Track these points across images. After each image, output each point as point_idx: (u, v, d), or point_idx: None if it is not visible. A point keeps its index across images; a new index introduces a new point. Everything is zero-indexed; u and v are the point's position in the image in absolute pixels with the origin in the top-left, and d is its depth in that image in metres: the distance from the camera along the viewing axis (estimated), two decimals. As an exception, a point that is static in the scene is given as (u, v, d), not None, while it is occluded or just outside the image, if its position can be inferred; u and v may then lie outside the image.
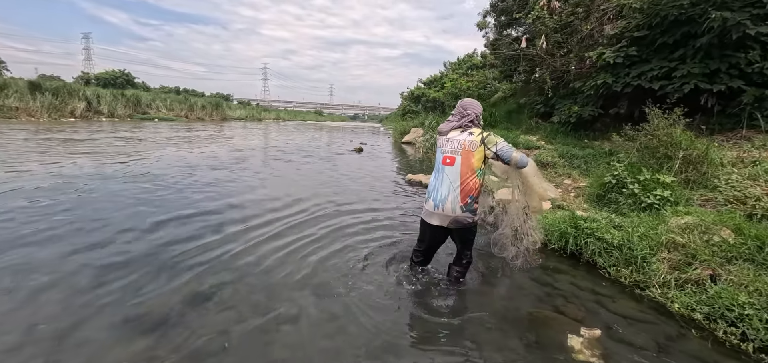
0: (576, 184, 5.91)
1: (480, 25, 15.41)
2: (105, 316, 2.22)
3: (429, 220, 2.50)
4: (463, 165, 2.37)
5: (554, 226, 3.57)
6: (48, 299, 2.34)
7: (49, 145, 9.25)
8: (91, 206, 4.30)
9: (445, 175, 2.40)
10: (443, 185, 2.41)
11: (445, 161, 2.43)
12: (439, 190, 2.42)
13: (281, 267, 2.99)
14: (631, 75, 7.20)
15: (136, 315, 2.25)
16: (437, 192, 2.43)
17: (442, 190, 2.41)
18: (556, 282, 2.89)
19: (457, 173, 2.37)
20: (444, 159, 2.44)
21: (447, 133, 2.51)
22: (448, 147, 2.44)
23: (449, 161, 2.40)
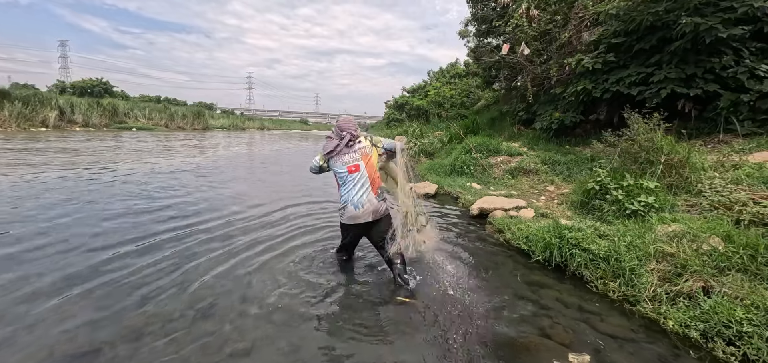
0: (559, 190, 5.79)
1: (462, 33, 15.46)
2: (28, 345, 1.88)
3: (353, 222, 2.79)
4: (368, 167, 2.80)
5: (538, 237, 3.37)
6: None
7: None
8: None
9: (355, 181, 2.76)
10: (356, 189, 2.76)
11: (350, 170, 2.77)
12: (355, 195, 2.75)
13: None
14: (609, 81, 7.20)
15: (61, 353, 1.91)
16: (353, 197, 2.75)
17: (358, 194, 2.75)
18: (541, 298, 2.67)
19: (365, 175, 2.78)
20: (349, 169, 2.78)
21: (337, 154, 2.81)
22: (348, 158, 2.79)
23: (355, 168, 2.78)
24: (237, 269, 3.04)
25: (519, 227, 3.79)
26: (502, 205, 4.78)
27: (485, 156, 7.74)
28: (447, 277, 3.03)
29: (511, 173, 6.85)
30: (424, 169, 9.13)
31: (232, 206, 5.11)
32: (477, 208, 4.83)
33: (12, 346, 1.99)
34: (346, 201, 2.78)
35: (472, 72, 24.53)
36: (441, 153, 10.75)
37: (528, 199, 5.38)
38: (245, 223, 4.31)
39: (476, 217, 4.82)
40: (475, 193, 5.78)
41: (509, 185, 6.34)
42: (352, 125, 2.90)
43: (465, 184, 6.52)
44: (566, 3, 8.79)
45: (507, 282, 2.95)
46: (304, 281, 2.87)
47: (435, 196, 6.22)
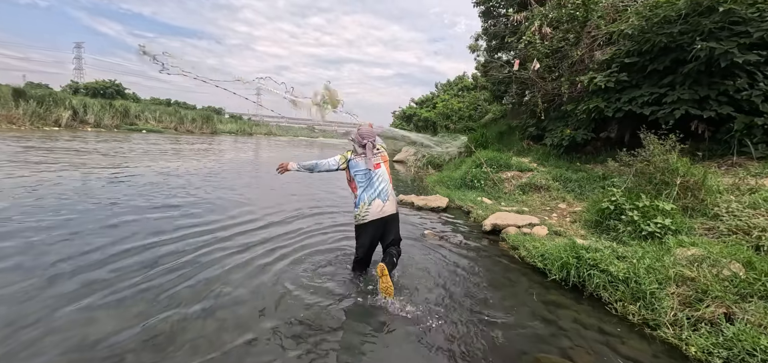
0: (571, 208, 5.77)
1: (472, 48, 15.62)
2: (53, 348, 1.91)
3: (380, 216, 2.98)
4: (387, 167, 3.13)
5: (554, 255, 3.37)
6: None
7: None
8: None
9: (379, 177, 3.02)
10: (381, 184, 3.01)
11: (375, 167, 3.02)
12: (381, 189, 3.00)
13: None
14: (622, 100, 7.22)
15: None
16: (379, 190, 2.99)
17: (382, 187, 3.01)
18: (560, 319, 2.66)
19: (386, 173, 3.09)
20: (375, 165, 3.02)
21: (360, 156, 3.05)
22: (370, 157, 3.00)
23: (377, 166, 3.04)
24: (256, 277, 3.07)
25: (534, 245, 3.79)
26: (516, 221, 4.78)
27: (496, 170, 7.75)
28: (463, 294, 3.03)
29: (522, 189, 6.85)
30: (432, 181, 9.16)
31: (246, 212, 5.15)
32: (490, 224, 4.84)
33: (32, 347, 2.02)
34: (373, 196, 2.98)
35: (480, 85, 24.68)
36: (450, 166, 10.78)
37: (540, 216, 5.37)
38: (260, 229, 4.34)
39: (489, 232, 4.82)
40: (487, 208, 5.78)
41: (520, 201, 6.33)
42: (373, 134, 3.08)
43: (476, 199, 6.53)
44: (579, 22, 8.86)
45: (523, 300, 2.95)
46: (324, 290, 2.89)
47: (446, 209, 6.23)
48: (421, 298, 2.89)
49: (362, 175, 3.02)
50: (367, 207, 2.98)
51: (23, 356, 1.93)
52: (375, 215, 2.98)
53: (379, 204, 2.98)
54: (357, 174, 3.04)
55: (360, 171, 3.02)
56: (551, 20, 9.40)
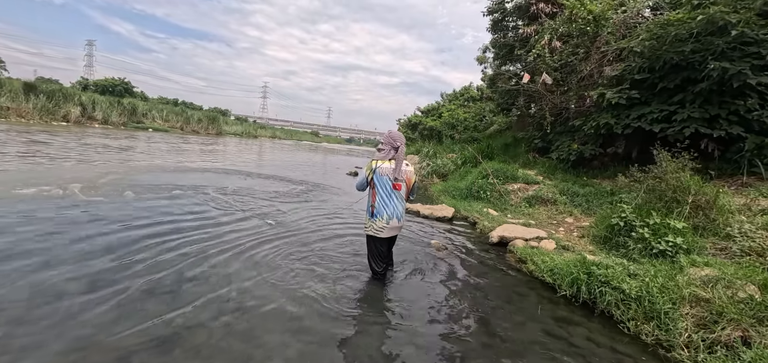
0: (578, 222, 5.72)
1: (480, 59, 15.67)
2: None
3: (393, 233, 3.14)
4: (406, 189, 3.15)
5: (564, 271, 3.32)
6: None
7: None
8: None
9: (398, 197, 3.07)
10: (398, 203, 3.08)
11: (396, 187, 3.05)
12: (399, 208, 3.07)
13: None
14: (631, 116, 7.19)
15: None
16: (397, 210, 3.05)
17: (397, 207, 3.06)
18: (571, 336, 2.62)
19: (403, 195, 3.13)
20: (394, 185, 3.04)
21: (388, 162, 3.04)
22: (395, 176, 3.02)
23: (398, 187, 3.06)
24: (266, 282, 3.04)
25: (542, 259, 3.74)
26: (523, 234, 4.74)
27: (502, 182, 7.71)
28: (471, 307, 2.99)
29: (528, 201, 6.80)
30: (438, 190, 9.13)
31: (252, 217, 5.14)
32: (497, 236, 4.80)
33: (40, 349, 1.98)
34: (392, 214, 3.02)
35: (486, 96, 24.73)
36: (455, 175, 10.75)
37: (547, 229, 5.32)
38: (267, 233, 4.33)
39: (496, 244, 4.78)
40: (493, 220, 5.75)
41: (527, 214, 6.28)
42: (402, 139, 3.08)
43: (482, 210, 6.49)
44: (589, 37, 8.87)
45: (533, 316, 2.91)
46: (344, 297, 2.86)
47: (452, 219, 6.19)
48: (428, 311, 2.85)
49: (384, 187, 3.01)
50: (384, 223, 3.02)
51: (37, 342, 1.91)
52: (390, 233, 3.08)
53: (396, 223, 3.07)
54: (380, 183, 3.02)
55: (384, 183, 3.01)
56: (561, 34, 9.43)
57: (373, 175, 3.04)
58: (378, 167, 3.01)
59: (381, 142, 3.16)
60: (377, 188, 3.03)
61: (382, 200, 3.01)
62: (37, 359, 1.86)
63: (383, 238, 3.07)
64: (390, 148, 3.06)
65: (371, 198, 3.08)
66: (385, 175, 3.00)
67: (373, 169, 3.03)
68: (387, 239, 3.12)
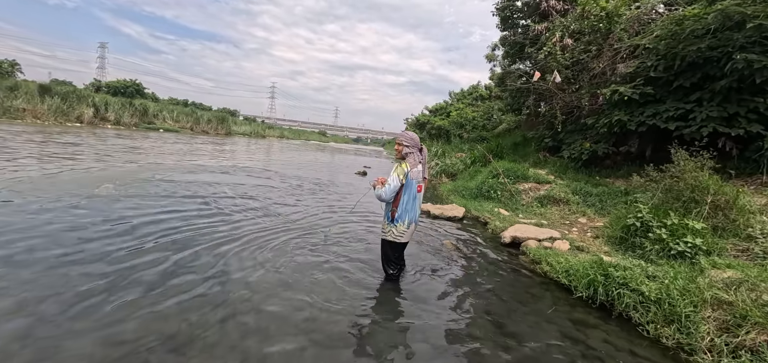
0: (592, 223, 5.64)
1: (489, 57, 15.54)
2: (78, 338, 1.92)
3: (407, 240, 3.09)
4: (423, 190, 3.14)
5: (580, 272, 3.27)
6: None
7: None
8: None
9: (419, 199, 3.06)
10: (418, 206, 3.07)
11: (419, 189, 3.03)
12: (416, 211, 3.05)
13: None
14: (645, 114, 7.06)
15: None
16: (415, 212, 3.02)
17: (417, 210, 3.07)
18: (588, 338, 2.57)
19: (421, 197, 3.11)
20: (419, 187, 3.02)
21: (416, 166, 3.00)
22: (418, 178, 3.01)
23: (419, 189, 3.05)
24: (278, 281, 3.05)
25: (557, 260, 3.69)
26: (536, 234, 4.69)
27: (513, 182, 7.64)
28: (484, 309, 2.96)
29: (540, 201, 6.72)
30: (447, 190, 9.08)
31: (263, 216, 5.17)
32: (509, 236, 4.75)
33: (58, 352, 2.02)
34: (413, 218, 3.02)
35: (494, 95, 24.54)
36: (464, 175, 10.68)
37: (560, 229, 5.25)
38: (280, 231, 4.35)
39: (508, 244, 4.73)
40: (505, 220, 5.69)
41: (539, 214, 6.21)
42: (419, 140, 3.10)
43: (493, 210, 6.43)
44: (601, 34, 8.73)
45: (548, 317, 2.86)
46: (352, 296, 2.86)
47: (462, 219, 6.15)
48: (441, 312, 2.83)
49: (411, 191, 2.96)
50: (405, 228, 3.00)
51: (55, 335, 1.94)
52: (409, 237, 3.09)
53: (414, 228, 3.08)
54: (409, 188, 2.94)
55: (413, 187, 2.96)
56: (573, 31, 9.30)
57: (405, 179, 2.92)
58: (410, 171, 2.93)
59: (405, 144, 2.96)
60: (405, 192, 2.94)
61: (406, 204, 2.96)
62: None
63: (402, 243, 3.08)
64: (416, 150, 3.02)
65: (393, 202, 2.96)
66: (414, 178, 2.97)
67: (406, 172, 2.91)
68: (405, 244, 3.12)
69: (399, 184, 2.90)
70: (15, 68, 37.49)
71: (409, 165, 2.93)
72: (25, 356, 1.86)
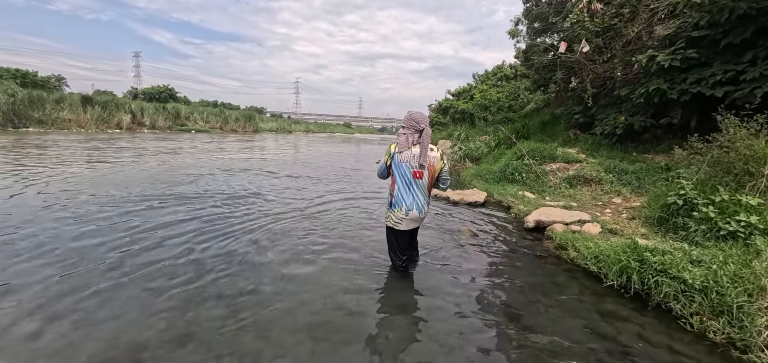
0: (627, 203, 5.16)
1: (512, 33, 14.74)
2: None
3: (414, 225, 2.89)
4: (429, 178, 2.78)
5: (612, 257, 2.94)
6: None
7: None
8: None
9: (420, 186, 2.75)
10: (420, 194, 2.75)
11: (415, 176, 2.72)
12: (420, 199, 2.76)
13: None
14: (688, 80, 6.36)
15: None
16: (418, 201, 2.75)
17: (417, 198, 2.75)
18: (620, 333, 2.28)
19: (426, 185, 2.77)
20: (415, 174, 2.71)
21: (409, 148, 2.71)
22: (416, 163, 2.69)
23: (419, 175, 2.72)
24: (282, 273, 2.98)
25: (586, 245, 3.36)
26: (563, 217, 4.33)
27: (539, 162, 7.18)
28: (503, 300, 2.73)
29: (569, 182, 6.27)
30: (470, 174, 8.73)
31: (273, 209, 5.15)
32: (533, 220, 4.42)
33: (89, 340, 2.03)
34: (411, 205, 2.75)
35: (520, 74, 23.40)
36: (488, 158, 10.24)
37: (591, 211, 4.85)
38: (288, 220, 4.29)
39: (532, 229, 4.41)
40: (529, 203, 5.33)
41: (567, 195, 5.79)
42: (425, 119, 2.75)
43: (517, 193, 6.07)
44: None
45: (575, 310, 2.59)
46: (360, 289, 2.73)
47: (484, 204, 5.85)
48: (455, 305, 2.63)
49: (404, 176, 2.73)
50: (403, 215, 2.77)
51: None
52: (409, 226, 2.84)
53: (416, 215, 2.77)
54: (399, 171, 2.74)
55: (404, 171, 2.72)
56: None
57: (391, 160, 2.79)
58: (396, 153, 2.74)
59: (402, 124, 2.81)
60: (395, 176, 2.78)
61: (400, 189, 2.75)
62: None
63: (403, 231, 2.85)
64: (412, 132, 2.72)
65: (390, 186, 2.86)
66: (404, 162, 2.70)
67: (390, 154, 2.78)
68: (407, 231, 2.89)
69: (384, 165, 2.85)
70: (61, 82, 40.36)
71: (398, 147, 2.73)
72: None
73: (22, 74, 32.88)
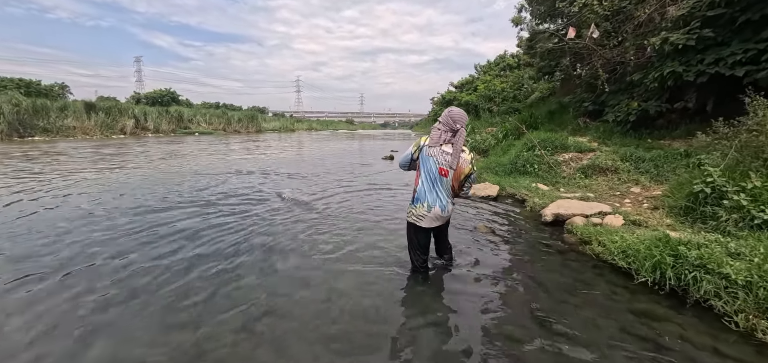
0: (647, 192, 4.99)
1: (515, 20, 14.44)
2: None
3: (436, 223, 2.73)
4: (454, 178, 2.69)
5: (643, 252, 2.79)
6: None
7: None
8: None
9: (444, 184, 2.64)
10: (443, 192, 2.65)
11: (441, 172, 2.61)
12: (443, 197, 2.65)
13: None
14: (705, 61, 6.14)
15: None
16: (441, 198, 2.64)
17: (440, 196, 2.64)
18: (659, 335, 2.14)
19: (449, 184, 2.67)
20: (441, 171, 2.61)
21: (439, 144, 2.62)
22: (443, 160, 2.59)
23: (444, 173, 2.61)
24: (297, 277, 2.86)
25: (611, 239, 3.20)
26: (582, 210, 4.17)
27: (550, 153, 7.00)
28: (527, 301, 2.59)
29: (583, 172, 6.09)
30: (479, 167, 8.56)
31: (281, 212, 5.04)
32: (551, 214, 4.26)
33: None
34: (434, 202, 2.64)
35: (524, 63, 23.07)
36: (496, 150, 10.06)
37: (609, 202, 4.68)
38: (302, 222, 4.18)
39: (550, 223, 4.25)
40: (544, 195, 5.17)
41: (583, 186, 5.61)
42: (463, 120, 2.62)
43: (530, 185, 5.90)
44: (647, -25, 7.70)
45: (606, 310, 2.44)
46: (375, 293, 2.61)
47: (497, 198, 5.69)
48: (477, 307, 2.50)
49: (429, 172, 2.62)
50: (425, 211, 2.66)
51: None
52: (431, 223, 2.71)
53: (438, 212, 2.66)
54: (425, 166, 2.64)
55: (430, 166, 2.61)
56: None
57: (419, 153, 2.68)
58: (425, 146, 2.64)
59: (439, 120, 2.68)
60: (421, 170, 2.67)
61: (424, 185, 2.65)
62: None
63: (424, 228, 2.72)
64: (447, 129, 2.61)
65: (414, 181, 2.75)
66: (432, 157, 2.60)
67: (420, 146, 2.68)
68: (428, 229, 2.76)
69: (409, 156, 2.75)
70: (65, 90, 40.56)
71: (429, 141, 2.64)
72: None
73: (26, 83, 33.07)
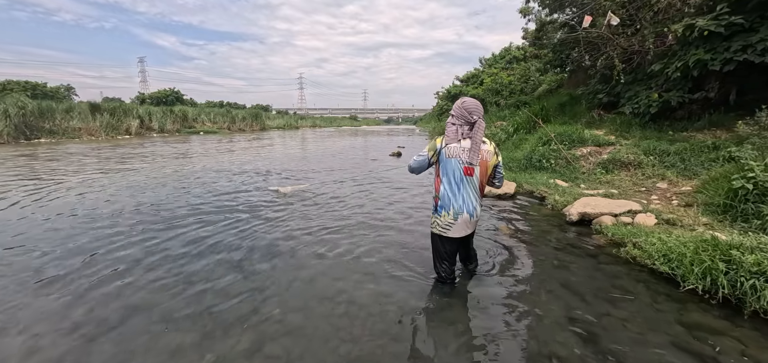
0: (675, 188, 4.72)
1: (523, 11, 14.07)
2: None
3: (465, 232, 2.46)
4: (481, 173, 2.41)
5: (688, 257, 2.55)
6: None
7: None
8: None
9: (471, 184, 2.39)
10: (471, 194, 2.39)
11: (466, 172, 2.36)
12: (471, 200, 2.40)
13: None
14: (732, 48, 5.82)
15: None
16: (469, 202, 2.39)
17: (473, 199, 2.40)
18: (719, 351, 1.91)
19: (477, 182, 2.41)
20: (466, 170, 2.35)
21: (458, 141, 2.36)
22: (463, 158, 2.34)
23: (469, 172, 2.36)
24: (309, 284, 2.67)
25: (649, 241, 2.97)
26: (610, 208, 3.93)
27: (567, 147, 6.73)
28: (564, 311, 2.37)
29: (603, 167, 5.82)
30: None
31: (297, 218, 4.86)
32: (576, 213, 4.02)
33: None
34: (460, 208, 2.37)
35: (530, 55, 22.63)
36: (507, 145, 9.79)
37: (635, 199, 4.43)
38: (316, 223, 3.99)
39: (575, 223, 4.02)
40: (565, 193, 4.93)
41: (605, 182, 5.36)
42: (479, 110, 2.32)
43: (548, 181, 5.66)
44: (667, -42, 7.36)
45: (652, 322, 2.22)
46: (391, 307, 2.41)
47: (514, 196, 5.46)
48: (506, 323, 2.28)
49: (453, 174, 2.34)
50: (450, 219, 2.40)
51: None
52: (460, 232, 2.43)
53: (467, 218, 2.39)
54: (447, 168, 2.36)
55: (453, 168, 2.34)
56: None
57: (437, 156, 2.40)
58: (444, 147, 2.36)
59: (452, 114, 2.39)
60: (442, 174, 2.39)
61: (447, 190, 2.37)
62: None
63: (451, 238, 2.46)
64: (462, 123, 2.33)
65: (434, 187, 2.48)
66: (454, 157, 2.32)
67: (437, 148, 2.39)
68: (457, 239, 2.48)
69: (426, 160, 2.44)
70: (70, 92, 40.80)
71: (446, 140, 2.36)
72: None
73: (32, 86, 33.24)
